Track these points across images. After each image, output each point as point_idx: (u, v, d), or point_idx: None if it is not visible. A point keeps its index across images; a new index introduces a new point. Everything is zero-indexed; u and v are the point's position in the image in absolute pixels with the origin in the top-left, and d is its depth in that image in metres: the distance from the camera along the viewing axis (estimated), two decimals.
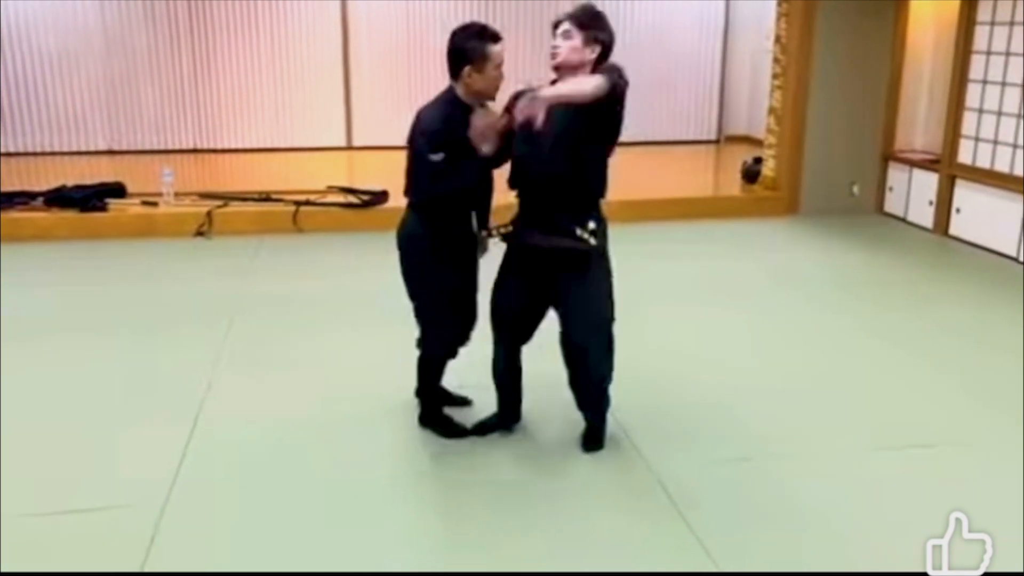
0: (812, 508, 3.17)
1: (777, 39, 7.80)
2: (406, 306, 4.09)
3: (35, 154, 9.34)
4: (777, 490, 3.29)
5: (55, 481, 3.27)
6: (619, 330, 3.38)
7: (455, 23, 3.43)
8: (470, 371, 3.76)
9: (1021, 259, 6.30)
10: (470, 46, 3.18)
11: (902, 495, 3.26)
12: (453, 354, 3.54)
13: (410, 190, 3.37)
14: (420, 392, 3.65)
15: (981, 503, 3.07)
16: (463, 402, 3.83)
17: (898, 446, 3.62)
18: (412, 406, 3.70)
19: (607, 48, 3.15)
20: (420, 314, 3.49)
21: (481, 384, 3.69)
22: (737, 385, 4.17)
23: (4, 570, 2.70)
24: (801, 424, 3.80)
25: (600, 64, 3.14)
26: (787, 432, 3.73)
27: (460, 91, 3.25)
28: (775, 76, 7.84)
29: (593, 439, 3.52)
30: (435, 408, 3.65)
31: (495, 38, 3.20)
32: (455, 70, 3.23)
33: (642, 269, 5.95)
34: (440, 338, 3.48)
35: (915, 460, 3.51)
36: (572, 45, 3.10)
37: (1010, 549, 2.80)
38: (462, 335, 3.52)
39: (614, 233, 3.34)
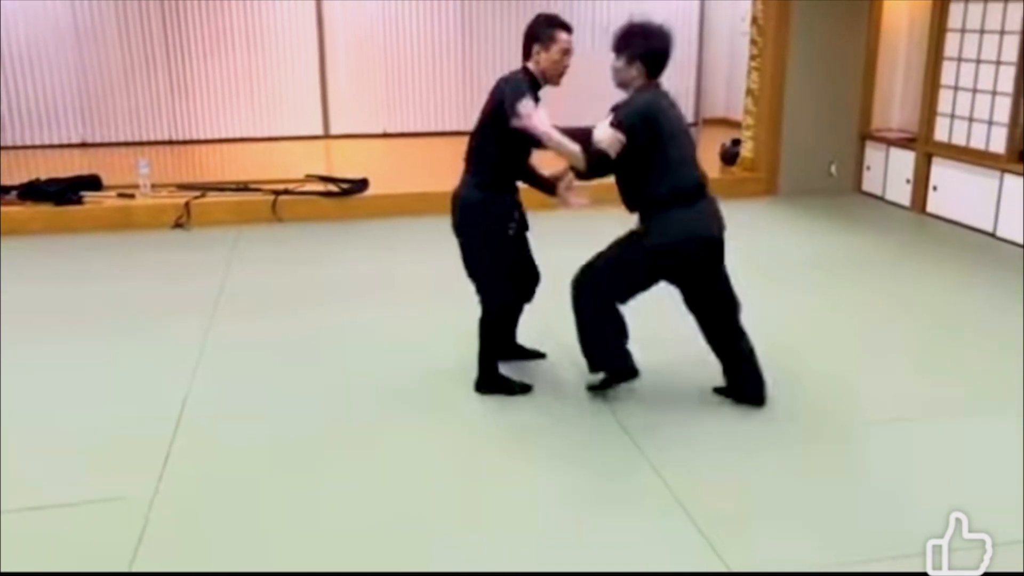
0: (806, 480, 3.21)
1: (754, 20, 7.81)
2: (391, 291, 4.10)
3: (5, 148, 9.18)
4: (768, 462, 3.32)
5: (43, 476, 3.23)
6: None
7: (432, 18, 3.65)
8: None
9: (997, 235, 6.37)
10: (541, 29, 3.56)
11: (893, 468, 3.30)
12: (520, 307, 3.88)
13: (473, 158, 3.67)
14: (483, 355, 3.78)
15: (973, 471, 3.13)
16: (538, 355, 4.13)
17: (882, 420, 3.66)
18: (396, 390, 3.68)
19: (649, 60, 3.48)
20: (487, 276, 3.69)
21: None
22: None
23: (3, 569, 2.67)
24: (784, 399, 3.82)
25: (653, 76, 3.51)
26: (769, 407, 3.74)
27: (534, 69, 3.58)
28: (752, 57, 7.85)
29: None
30: (494, 372, 3.81)
31: (564, 27, 3.57)
32: (527, 50, 3.59)
33: None
34: (506, 290, 3.73)
35: (901, 433, 3.55)
36: (615, 66, 3.53)
37: (984, 522, 2.83)
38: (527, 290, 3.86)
39: (596, 216, 3.35)
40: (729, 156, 8.24)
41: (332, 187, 7.20)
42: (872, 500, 3.08)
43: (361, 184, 7.21)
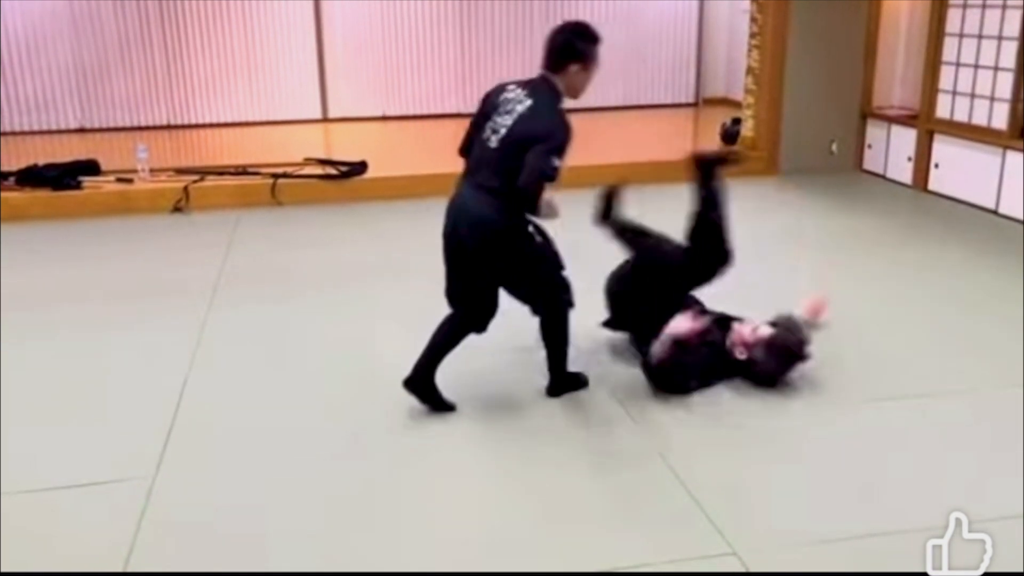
0: (807, 457, 3.21)
1: None
2: (389, 276, 4.09)
3: (3, 134, 9.12)
4: (771, 438, 3.33)
5: (42, 459, 3.24)
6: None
7: (432, 16, 3.44)
8: None
9: (1000, 212, 6.34)
10: (586, 46, 3.30)
11: (894, 445, 3.30)
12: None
13: (496, 178, 3.27)
14: (563, 359, 3.62)
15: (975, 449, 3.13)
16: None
17: (887, 397, 3.66)
18: (400, 375, 3.66)
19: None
20: (546, 284, 3.47)
21: None
22: None
23: (4, 560, 2.67)
24: (793, 378, 3.82)
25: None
26: (778, 387, 3.74)
27: (560, 85, 3.30)
28: (752, 35, 7.80)
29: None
30: (567, 371, 3.65)
31: (600, 41, 3.33)
32: (561, 64, 3.29)
33: None
34: (568, 291, 3.52)
35: (905, 411, 3.55)
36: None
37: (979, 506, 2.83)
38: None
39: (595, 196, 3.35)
40: (729, 135, 8.20)
41: (331, 170, 7.17)
42: (871, 477, 3.09)
43: (360, 167, 7.19)
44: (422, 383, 3.51)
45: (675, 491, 2.98)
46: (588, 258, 3.87)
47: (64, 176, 6.82)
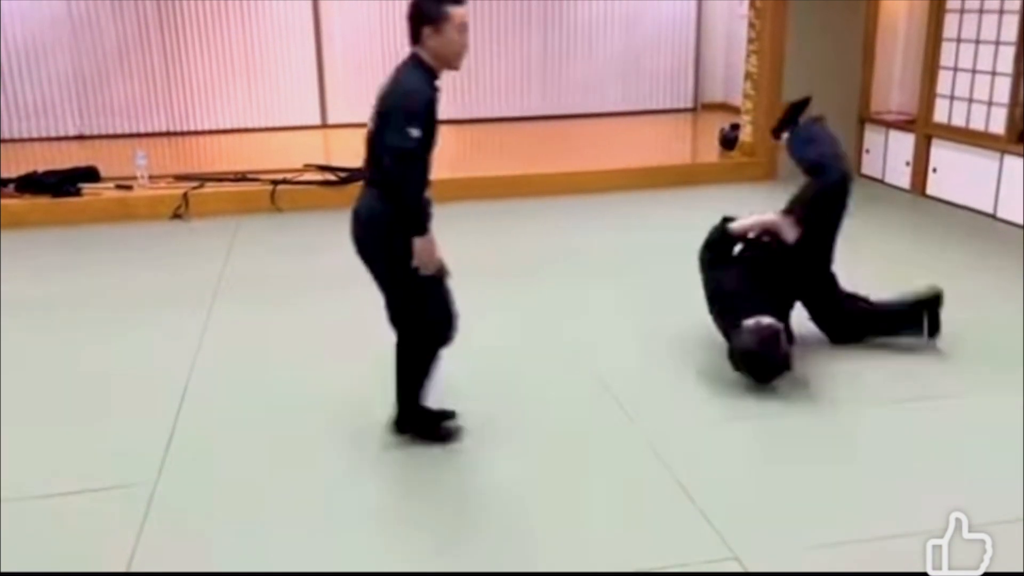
0: (802, 461, 3.21)
1: (752, 3, 7.78)
2: None
3: (3, 141, 9.12)
4: (772, 445, 3.33)
5: (45, 466, 3.24)
6: (603, 292, 3.37)
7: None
8: None
9: (998, 216, 6.35)
10: (429, 6, 3.01)
11: (895, 449, 3.31)
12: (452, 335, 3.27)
13: (374, 171, 3.15)
14: (409, 390, 3.32)
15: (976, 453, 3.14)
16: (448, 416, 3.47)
17: (887, 399, 3.67)
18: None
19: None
20: (415, 295, 3.17)
21: None
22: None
23: (5, 566, 2.67)
24: (788, 384, 3.82)
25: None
26: (775, 391, 3.75)
27: (425, 56, 3.06)
28: (751, 41, 7.82)
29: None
30: (419, 406, 3.36)
31: (456, 0, 3.02)
32: (416, 32, 3.04)
33: (621, 237, 5.96)
34: (444, 315, 3.21)
35: (905, 415, 3.55)
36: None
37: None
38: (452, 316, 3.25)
39: (595, 201, 3.35)
40: (728, 141, 8.21)
41: (331, 176, 7.18)
42: (870, 479, 3.09)
43: (359, 172, 7.19)
44: (409, 422, 3.35)
45: (675, 494, 2.99)
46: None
47: (63, 183, 6.83)
